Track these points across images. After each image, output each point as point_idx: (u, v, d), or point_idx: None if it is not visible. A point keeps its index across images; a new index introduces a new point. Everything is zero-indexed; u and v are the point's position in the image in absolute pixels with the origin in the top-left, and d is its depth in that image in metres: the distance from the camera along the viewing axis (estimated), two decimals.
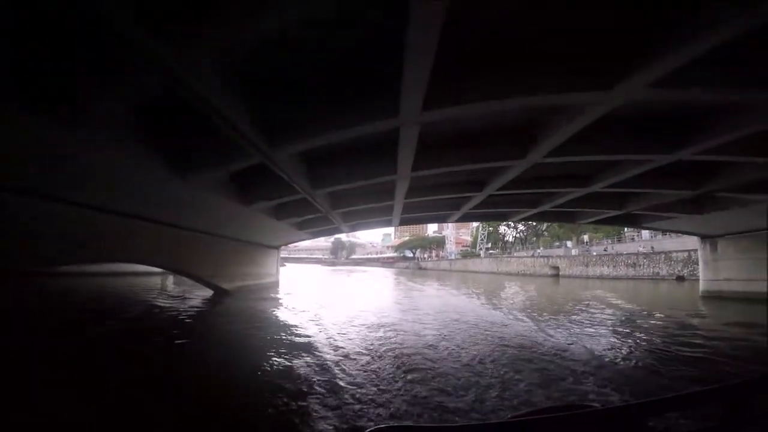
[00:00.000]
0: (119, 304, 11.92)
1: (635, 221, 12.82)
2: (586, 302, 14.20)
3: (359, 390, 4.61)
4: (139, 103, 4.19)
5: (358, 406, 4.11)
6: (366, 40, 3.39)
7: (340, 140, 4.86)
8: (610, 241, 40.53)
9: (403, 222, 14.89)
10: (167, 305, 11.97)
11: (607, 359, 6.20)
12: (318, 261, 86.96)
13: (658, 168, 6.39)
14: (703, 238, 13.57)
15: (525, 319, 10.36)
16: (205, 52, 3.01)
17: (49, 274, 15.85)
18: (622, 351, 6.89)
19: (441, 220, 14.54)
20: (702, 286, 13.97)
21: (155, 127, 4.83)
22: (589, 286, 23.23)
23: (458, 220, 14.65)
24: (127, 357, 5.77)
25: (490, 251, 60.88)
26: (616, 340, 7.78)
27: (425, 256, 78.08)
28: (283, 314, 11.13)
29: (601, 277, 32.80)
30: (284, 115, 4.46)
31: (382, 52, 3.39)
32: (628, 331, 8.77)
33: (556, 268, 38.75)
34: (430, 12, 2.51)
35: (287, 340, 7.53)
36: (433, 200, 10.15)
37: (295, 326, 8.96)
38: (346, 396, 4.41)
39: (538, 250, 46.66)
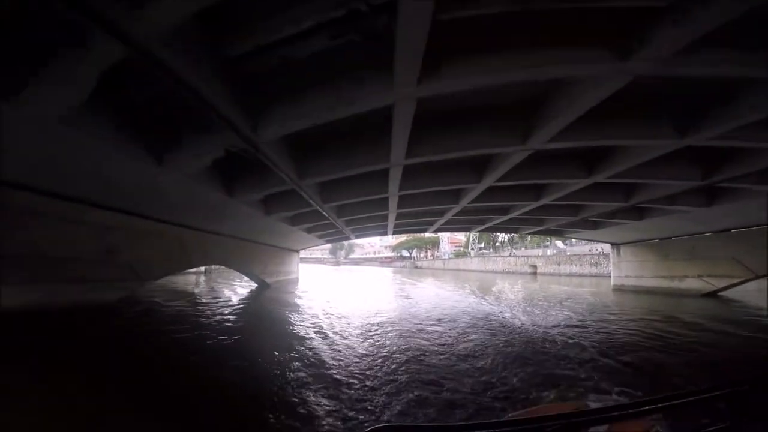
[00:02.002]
0: (212, 293, 16.60)
1: (561, 233, 17.70)
2: (544, 292, 19.13)
3: (381, 329, 9.45)
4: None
5: (381, 339, 8.68)
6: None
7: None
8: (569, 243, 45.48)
9: (395, 232, 19.69)
10: (244, 293, 16.73)
11: (525, 322, 11.06)
12: (318, 261, 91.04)
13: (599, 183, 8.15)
14: (613, 245, 18.49)
15: (485, 300, 15.28)
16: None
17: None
18: (542, 312, 11.77)
19: (422, 230, 19.40)
20: (612, 281, 18.87)
21: (224, 170, 7.34)
22: (561, 282, 28.19)
23: (436, 231, 19.48)
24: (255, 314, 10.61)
25: (483, 251, 65.74)
26: (544, 312, 12.59)
27: (421, 255, 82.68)
28: (311, 294, 16.01)
29: (570, 275, 37.74)
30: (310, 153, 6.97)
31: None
32: (552, 304, 13.72)
33: (534, 266, 43.75)
34: None
35: (325, 304, 12.39)
36: (420, 210, 14.09)
37: (323, 300, 13.83)
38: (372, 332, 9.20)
39: (516, 251, 51.70)
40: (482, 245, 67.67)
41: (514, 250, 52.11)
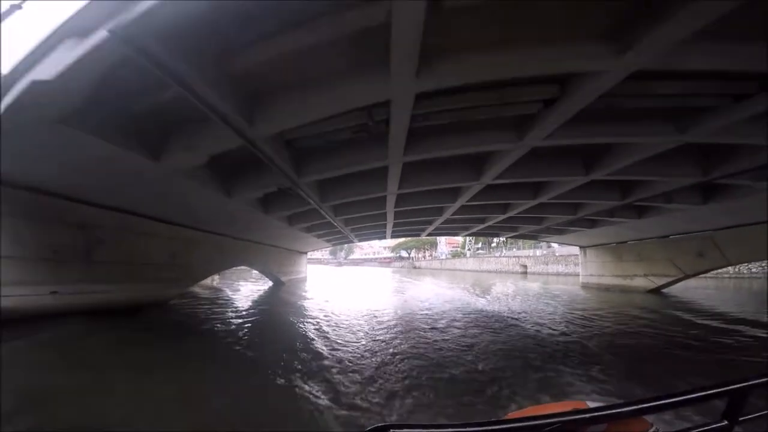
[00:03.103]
0: (242, 291, 19.35)
1: (535, 237, 20.44)
2: (524, 288, 21.86)
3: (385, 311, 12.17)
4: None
5: (385, 318, 11.50)
6: None
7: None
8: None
9: (393, 235, 22.46)
10: (265, 289, 19.47)
11: (505, 310, 13.78)
12: (319, 261, 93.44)
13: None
14: (581, 248, 21.24)
15: (473, 294, 18.01)
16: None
17: None
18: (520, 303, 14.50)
19: (416, 234, 22.13)
20: (580, 279, 21.63)
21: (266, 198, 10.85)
22: (548, 281, 30.94)
23: (431, 234, 22.22)
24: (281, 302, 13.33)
25: (479, 251, 68.50)
26: (522, 303, 15.38)
27: (419, 256, 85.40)
28: (322, 290, 18.74)
29: (557, 274, 40.47)
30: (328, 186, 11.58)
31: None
32: (525, 297, 16.44)
33: (525, 266, 46.54)
34: None
35: (336, 296, 15.12)
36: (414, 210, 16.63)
37: (334, 294, 16.56)
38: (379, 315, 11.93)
39: (507, 251, 54.56)
40: (479, 245, 70.39)
41: (505, 251, 54.85)
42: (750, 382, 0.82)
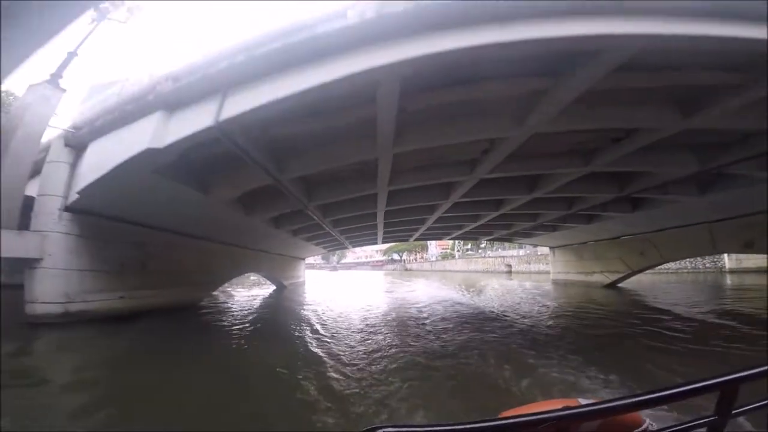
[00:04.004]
0: (252, 295, 21.53)
1: (510, 239, 23.08)
2: (502, 285, 24.44)
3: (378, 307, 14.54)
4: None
5: (379, 311, 13.89)
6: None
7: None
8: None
9: (384, 241, 24.87)
10: (270, 292, 21.62)
11: (483, 303, 16.25)
12: (311, 266, 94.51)
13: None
14: (551, 248, 23.98)
15: (457, 292, 20.51)
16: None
17: None
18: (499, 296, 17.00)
19: (404, 239, 24.59)
20: (551, 276, 24.36)
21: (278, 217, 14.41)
22: (530, 278, 33.58)
23: (416, 239, 24.71)
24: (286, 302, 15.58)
25: (469, 251, 71.30)
26: (502, 299, 17.85)
27: (411, 258, 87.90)
28: (321, 292, 21.01)
29: (539, 272, 43.26)
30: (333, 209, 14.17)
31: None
32: (501, 293, 18.97)
33: (509, 265, 49.40)
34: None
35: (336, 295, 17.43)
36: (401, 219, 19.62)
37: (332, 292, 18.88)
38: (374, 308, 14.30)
39: (492, 252, 57.44)
40: (468, 246, 73.16)
41: (491, 252, 57.71)
42: (741, 374, 0.82)
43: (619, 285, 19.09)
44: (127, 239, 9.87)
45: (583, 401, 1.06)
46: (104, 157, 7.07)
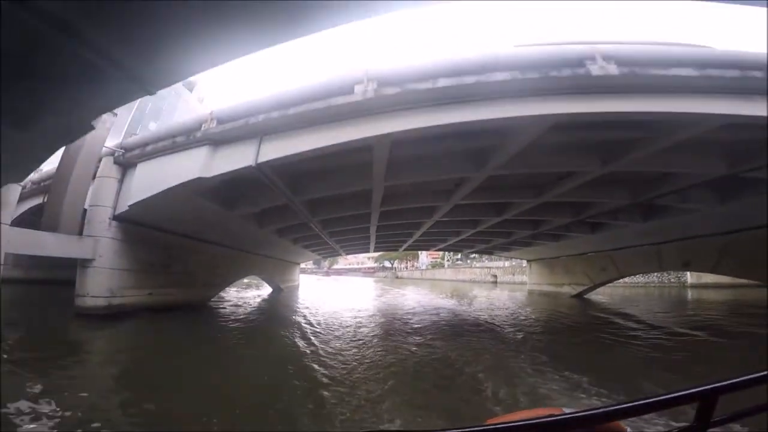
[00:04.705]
0: (252, 295, 23.10)
1: (491, 252, 25.17)
2: (482, 294, 26.45)
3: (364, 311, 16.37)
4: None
5: (366, 311, 15.73)
6: None
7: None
8: None
9: (375, 249, 26.81)
10: (266, 295, 23.26)
11: (463, 310, 18.18)
12: (303, 271, 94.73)
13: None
14: (528, 261, 26.17)
15: (442, 298, 22.41)
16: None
17: None
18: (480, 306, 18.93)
19: (394, 249, 26.52)
20: (528, 286, 26.51)
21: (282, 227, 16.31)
22: (513, 288, 35.70)
23: (405, 249, 26.67)
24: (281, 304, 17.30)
25: (458, 261, 73.28)
26: (482, 308, 19.78)
27: (402, 266, 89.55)
28: (315, 295, 22.73)
29: (522, 283, 45.46)
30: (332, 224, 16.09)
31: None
32: (482, 301, 20.93)
33: (495, 276, 51.58)
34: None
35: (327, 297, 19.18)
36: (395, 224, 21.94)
37: (326, 295, 20.62)
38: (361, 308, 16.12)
39: (478, 263, 59.57)
40: (458, 256, 75.18)
41: (476, 263, 59.88)
42: (720, 383, 0.85)
43: (589, 296, 21.24)
44: (155, 244, 11.60)
45: (567, 411, 1.07)
46: (156, 177, 8.86)
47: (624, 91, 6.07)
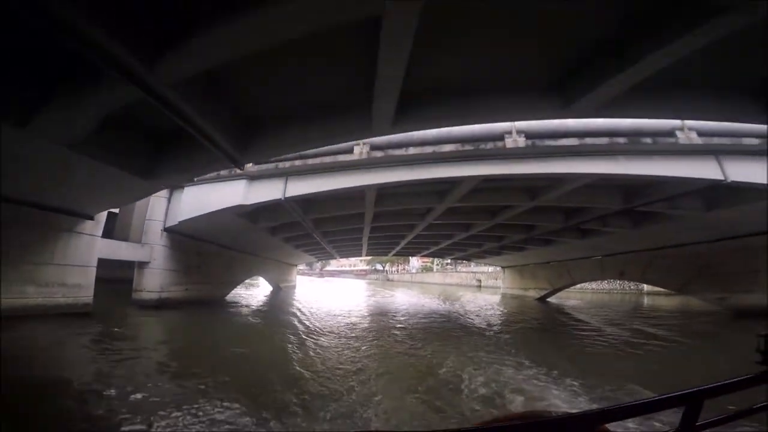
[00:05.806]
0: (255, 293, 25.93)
1: (469, 259, 28.41)
2: (465, 297, 29.65)
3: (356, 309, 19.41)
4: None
5: (357, 309, 18.75)
6: None
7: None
8: None
9: (368, 254, 29.87)
10: (266, 295, 26.13)
11: (448, 309, 21.29)
12: (298, 272, 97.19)
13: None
14: (502, 267, 29.50)
15: (427, 299, 25.52)
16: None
17: None
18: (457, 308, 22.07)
19: (385, 254, 29.62)
20: (501, 290, 29.82)
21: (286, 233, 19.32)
22: (493, 292, 39.04)
23: (393, 254, 29.81)
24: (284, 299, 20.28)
25: (448, 266, 76.28)
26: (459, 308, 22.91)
27: (394, 269, 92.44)
28: (312, 294, 25.69)
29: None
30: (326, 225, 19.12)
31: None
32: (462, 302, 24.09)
33: (479, 280, 54.93)
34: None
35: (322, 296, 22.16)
36: (383, 236, 25.02)
37: (320, 295, 23.59)
38: (352, 309, 19.15)
39: (464, 268, 62.76)
40: (448, 261, 78.01)
41: (463, 268, 63.20)
42: (705, 387, 0.85)
43: (553, 300, 24.52)
44: (192, 249, 14.54)
45: (554, 413, 1.09)
46: (202, 200, 11.77)
47: (528, 157, 9.28)
